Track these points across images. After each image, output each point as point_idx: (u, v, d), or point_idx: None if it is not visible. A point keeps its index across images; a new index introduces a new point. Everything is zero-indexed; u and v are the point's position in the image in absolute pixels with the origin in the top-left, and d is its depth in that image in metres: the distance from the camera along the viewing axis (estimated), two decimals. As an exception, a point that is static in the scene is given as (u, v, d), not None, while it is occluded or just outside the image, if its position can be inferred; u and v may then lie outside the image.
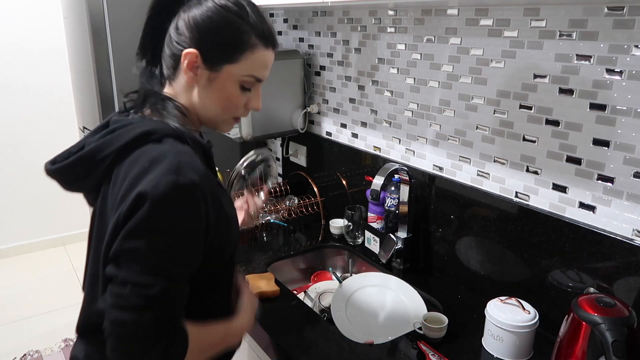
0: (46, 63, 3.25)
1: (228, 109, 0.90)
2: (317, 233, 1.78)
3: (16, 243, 3.44)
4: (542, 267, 1.19)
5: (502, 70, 1.23)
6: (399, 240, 1.49)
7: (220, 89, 0.87)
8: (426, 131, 1.47)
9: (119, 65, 1.98)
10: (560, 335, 0.99)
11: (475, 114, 1.31)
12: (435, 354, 1.10)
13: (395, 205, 1.54)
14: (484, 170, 1.32)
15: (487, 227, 1.31)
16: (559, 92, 1.12)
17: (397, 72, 1.53)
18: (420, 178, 1.49)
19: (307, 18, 1.87)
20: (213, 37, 0.84)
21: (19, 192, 3.36)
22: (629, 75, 0.99)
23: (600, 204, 1.08)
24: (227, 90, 0.87)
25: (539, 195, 1.20)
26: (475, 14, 1.26)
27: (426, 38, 1.41)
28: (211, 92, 0.87)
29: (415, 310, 1.32)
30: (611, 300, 0.93)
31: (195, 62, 0.84)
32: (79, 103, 2.40)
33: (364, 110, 1.70)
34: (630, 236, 1.04)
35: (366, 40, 1.63)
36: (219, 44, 0.84)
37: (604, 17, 1.01)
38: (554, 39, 1.10)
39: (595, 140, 1.07)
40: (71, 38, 2.29)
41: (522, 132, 1.21)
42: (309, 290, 1.52)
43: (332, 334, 1.20)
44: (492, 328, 1.10)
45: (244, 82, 0.87)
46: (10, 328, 2.71)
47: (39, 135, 3.33)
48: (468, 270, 1.39)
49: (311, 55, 1.89)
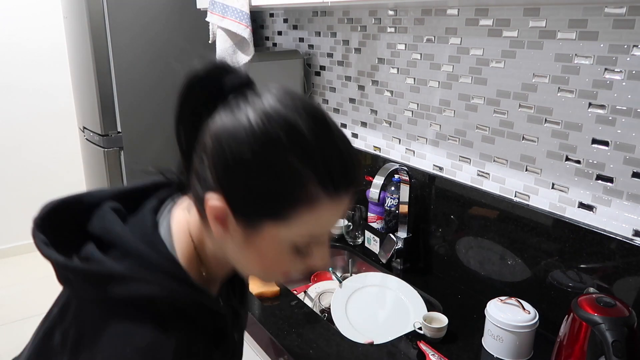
0: (46, 63, 3.25)
1: (276, 272, 0.62)
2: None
3: (16, 243, 3.44)
4: (542, 267, 1.19)
5: (502, 70, 1.23)
6: (399, 240, 1.49)
7: (261, 251, 0.58)
8: (426, 131, 1.47)
9: (119, 65, 1.98)
10: (560, 335, 0.99)
11: (475, 114, 1.31)
12: (435, 354, 1.10)
13: (395, 205, 1.54)
14: (484, 170, 1.32)
15: (487, 227, 1.31)
16: (558, 92, 1.12)
17: (397, 72, 1.53)
18: (420, 178, 1.49)
19: (307, 18, 1.87)
20: (245, 180, 0.53)
21: (19, 192, 3.36)
22: (629, 75, 0.99)
23: (600, 204, 1.08)
24: (271, 253, 0.58)
25: (539, 195, 1.20)
26: (475, 14, 1.26)
27: (426, 38, 1.41)
28: (249, 253, 0.59)
29: (415, 310, 1.32)
30: (611, 300, 0.93)
31: (224, 216, 0.56)
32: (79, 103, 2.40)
33: (364, 110, 1.70)
34: (630, 236, 1.04)
35: (366, 40, 1.63)
36: (255, 192, 0.54)
37: (604, 17, 1.01)
38: (554, 39, 1.10)
39: (595, 140, 1.07)
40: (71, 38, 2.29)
41: (522, 132, 1.21)
42: (309, 290, 1.52)
43: (332, 334, 1.20)
44: (492, 328, 1.10)
45: (298, 244, 0.57)
46: (10, 328, 2.71)
47: (39, 135, 3.33)
48: (468, 270, 1.39)
49: (311, 55, 1.89)
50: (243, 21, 1.68)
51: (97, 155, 2.14)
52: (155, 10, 2.01)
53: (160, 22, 2.03)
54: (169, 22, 2.05)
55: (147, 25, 2.01)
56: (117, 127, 2.06)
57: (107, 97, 2.01)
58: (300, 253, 0.58)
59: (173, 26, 2.07)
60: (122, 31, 1.96)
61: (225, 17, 1.71)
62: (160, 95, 2.10)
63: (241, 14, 1.68)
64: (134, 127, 2.08)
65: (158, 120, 2.11)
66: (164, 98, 2.10)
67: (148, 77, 2.06)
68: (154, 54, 2.04)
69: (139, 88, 2.05)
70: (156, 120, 2.11)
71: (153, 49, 2.04)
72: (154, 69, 2.06)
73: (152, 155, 2.10)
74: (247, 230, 0.56)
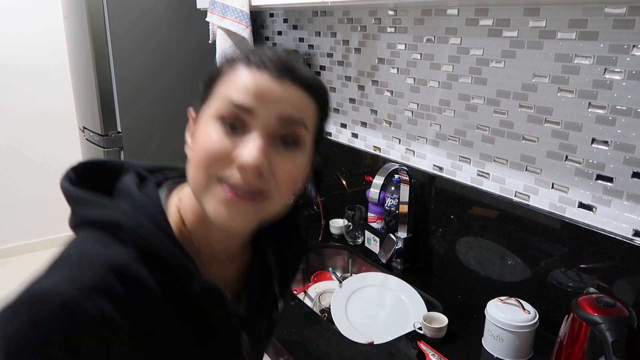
0: (46, 63, 3.25)
1: (201, 163, 0.56)
2: (317, 233, 1.78)
3: (16, 243, 3.44)
4: (542, 267, 1.19)
5: (502, 70, 1.23)
6: (399, 240, 1.49)
7: (197, 139, 0.58)
8: (426, 131, 1.47)
9: (119, 65, 1.98)
10: (560, 335, 0.99)
11: (475, 114, 1.31)
12: (435, 354, 1.10)
13: (395, 205, 1.54)
14: (484, 170, 1.32)
15: (487, 227, 1.31)
16: (558, 92, 1.12)
17: (397, 72, 1.53)
18: (420, 178, 1.49)
19: (307, 18, 1.87)
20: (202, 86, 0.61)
21: (19, 192, 3.36)
22: (629, 75, 0.99)
23: (600, 204, 1.08)
24: (201, 135, 0.57)
25: (539, 195, 1.20)
26: (475, 14, 1.26)
27: (426, 38, 1.41)
28: (193, 152, 0.58)
29: (415, 310, 1.32)
30: (611, 300, 0.93)
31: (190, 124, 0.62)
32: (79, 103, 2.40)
33: (364, 110, 1.70)
34: (630, 236, 1.04)
35: (366, 40, 1.63)
36: (202, 89, 0.61)
37: (604, 17, 1.01)
38: (554, 39, 1.10)
39: (595, 140, 1.07)
40: (71, 38, 2.29)
41: (522, 132, 1.21)
42: (309, 290, 1.52)
43: (332, 334, 1.20)
44: (492, 328, 1.10)
45: (219, 113, 0.56)
46: (10, 328, 2.71)
47: (39, 135, 3.33)
48: (468, 270, 1.39)
49: (311, 55, 1.89)
50: (243, 21, 1.68)
51: (97, 155, 2.14)
52: (156, 10, 2.01)
53: (160, 22, 2.03)
54: (169, 22, 2.05)
55: (147, 25, 2.01)
56: (117, 127, 2.06)
57: (107, 97, 2.01)
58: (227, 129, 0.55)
59: (173, 26, 2.07)
60: (122, 31, 1.96)
61: (225, 17, 1.71)
62: (160, 95, 2.10)
63: (241, 14, 1.68)
64: (134, 127, 2.08)
65: (158, 120, 2.11)
66: (163, 98, 2.10)
67: (148, 77, 2.06)
68: (154, 53, 2.04)
69: (139, 88, 2.05)
70: (156, 120, 2.11)
71: (153, 49, 2.04)
72: (154, 69, 2.06)
73: (152, 155, 2.10)
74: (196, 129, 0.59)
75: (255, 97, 0.55)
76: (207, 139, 0.55)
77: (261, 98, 0.55)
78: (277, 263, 0.72)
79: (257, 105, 0.55)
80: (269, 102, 0.55)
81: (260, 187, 0.55)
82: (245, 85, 0.55)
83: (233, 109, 0.55)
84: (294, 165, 0.58)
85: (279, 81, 0.56)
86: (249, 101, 0.55)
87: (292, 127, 0.57)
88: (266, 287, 0.71)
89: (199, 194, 0.57)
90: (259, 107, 0.55)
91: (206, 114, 0.58)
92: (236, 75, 0.57)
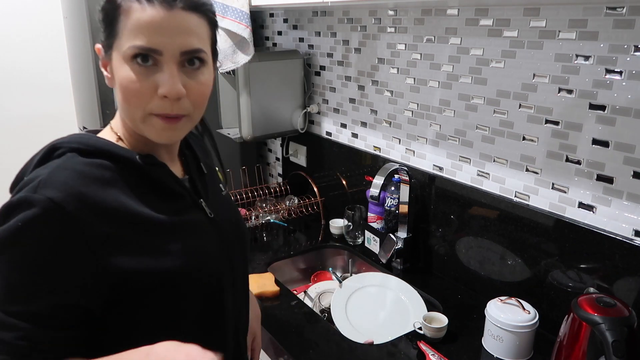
0: (46, 63, 3.25)
1: (132, 102, 0.68)
2: (317, 233, 1.78)
3: (16, 243, 3.44)
4: (542, 267, 1.19)
5: (502, 70, 1.23)
6: (399, 240, 1.49)
7: (117, 78, 0.69)
8: (426, 131, 1.47)
9: (119, 65, 1.98)
10: (560, 335, 0.99)
11: (475, 114, 1.31)
12: (435, 354, 1.10)
13: (395, 205, 1.54)
14: (484, 170, 1.32)
15: (487, 227, 1.31)
16: (558, 92, 1.12)
17: (397, 72, 1.53)
18: (420, 178, 1.49)
19: (307, 18, 1.87)
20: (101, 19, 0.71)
21: (19, 192, 3.36)
22: (629, 75, 0.99)
23: (600, 204, 1.08)
24: (120, 75, 0.68)
25: (539, 195, 1.20)
26: (475, 14, 1.26)
27: (426, 38, 1.41)
28: (117, 88, 0.70)
29: (415, 310, 1.32)
30: (611, 300, 0.93)
31: (102, 57, 0.72)
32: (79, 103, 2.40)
33: (364, 110, 1.70)
34: (630, 236, 1.04)
35: (366, 40, 1.63)
36: (103, 24, 0.70)
37: (604, 17, 1.01)
38: (554, 39, 1.10)
39: (595, 140, 1.07)
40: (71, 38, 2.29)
41: (522, 132, 1.21)
42: (309, 290, 1.52)
43: (332, 334, 1.20)
44: (492, 328, 1.10)
45: (130, 54, 0.66)
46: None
47: (38, 135, 3.32)
48: (468, 270, 1.39)
49: (311, 55, 1.89)
50: (243, 21, 1.68)
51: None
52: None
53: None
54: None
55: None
56: (117, 127, 2.05)
57: (107, 97, 2.01)
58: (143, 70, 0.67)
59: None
60: (122, 31, 1.96)
61: (225, 17, 1.71)
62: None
63: (241, 13, 1.68)
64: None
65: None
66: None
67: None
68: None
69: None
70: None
71: (153, 49, 2.04)
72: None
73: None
74: (110, 63, 0.70)
75: (156, 34, 0.65)
76: (129, 80, 0.67)
77: (161, 33, 0.66)
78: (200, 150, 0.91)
79: (159, 43, 0.66)
80: (169, 35, 0.66)
81: (183, 109, 0.70)
82: (144, 26, 0.65)
83: (141, 51, 0.66)
84: (203, 84, 0.72)
85: (170, 11, 0.66)
86: (152, 43, 0.65)
87: (195, 54, 0.69)
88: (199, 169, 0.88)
89: (138, 126, 0.71)
90: (162, 45, 0.66)
91: (117, 54, 0.68)
92: (134, 17, 0.65)
